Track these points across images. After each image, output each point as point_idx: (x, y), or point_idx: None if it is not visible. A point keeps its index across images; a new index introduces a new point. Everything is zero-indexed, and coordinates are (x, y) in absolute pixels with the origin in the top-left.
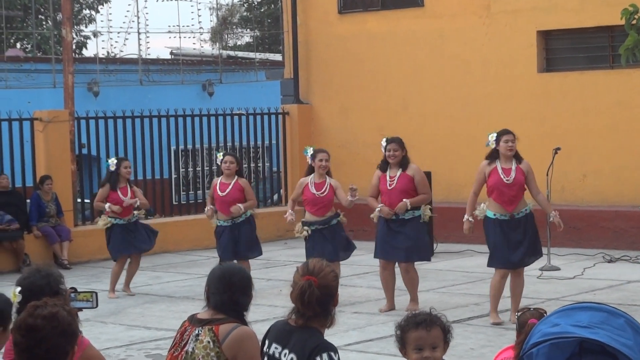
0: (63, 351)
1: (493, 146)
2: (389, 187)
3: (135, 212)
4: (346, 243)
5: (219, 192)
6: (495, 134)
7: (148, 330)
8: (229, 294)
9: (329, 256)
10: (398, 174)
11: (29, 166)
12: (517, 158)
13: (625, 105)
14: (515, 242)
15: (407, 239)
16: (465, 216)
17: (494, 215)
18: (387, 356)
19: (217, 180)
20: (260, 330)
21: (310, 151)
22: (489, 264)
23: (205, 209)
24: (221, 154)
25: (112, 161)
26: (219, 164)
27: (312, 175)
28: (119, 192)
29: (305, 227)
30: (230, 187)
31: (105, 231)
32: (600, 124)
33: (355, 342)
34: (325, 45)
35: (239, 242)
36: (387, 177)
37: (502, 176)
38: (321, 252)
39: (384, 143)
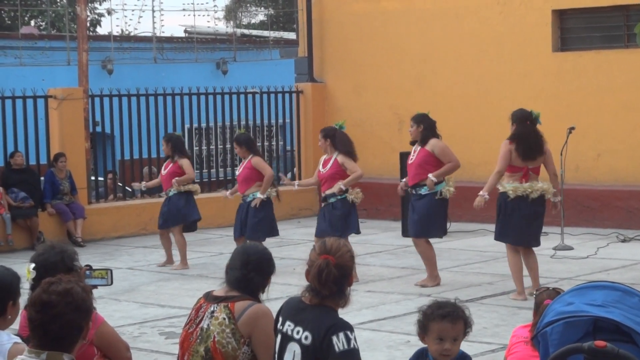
0: (77, 327)
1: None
2: (409, 162)
3: (173, 188)
4: (339, 222)
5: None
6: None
7: (162, 308)
8: (244, 272)
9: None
10: (418, 149)
11: (43, 144)
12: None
13: None
14: None
15: (416, 215)
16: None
17: None
18: (401, 335)
19: None
20: (274, 308)
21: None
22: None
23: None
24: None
25: None
26: None
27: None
28: (163, 167)
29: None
30: (242, 166)
31: None
32: (615, 103)
33: (369, 320)
34: (340, 24)
35: (245, 222)
36: (412, 153)
37: None
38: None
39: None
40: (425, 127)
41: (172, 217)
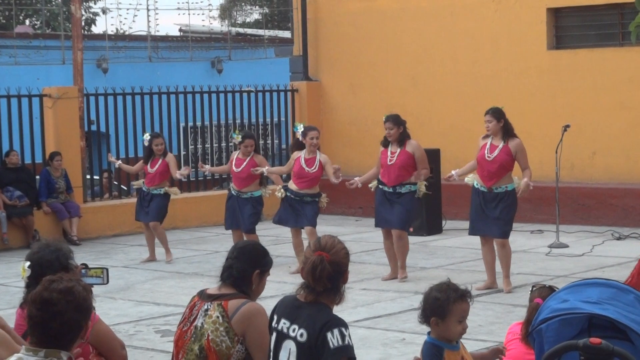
0: (77, 326)
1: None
2: (389, 163)
3: (162, 188)
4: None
5: (235, 168)
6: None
7: (157, 306)
8: (233, 261)
9: (291, 224)
10: (398, 150)
11: (38, 143)
12: (506, 136)
13: (635, 83)
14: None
15: (401, 208)
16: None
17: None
18: (396, 332)
19: (234, 155)
20: (269, 306)
21: (300, 128)
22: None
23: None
24: (240, 135)
25: (146, 137)
26: (237, 143)
27: (304, 150)
28: (148, 164)
29: (282, 190)
30: (245, 163)
31: None
32: (610, 101)
33: (364, 318)
34: (335, 22)
35: (241, 214)
36: (388, 153)
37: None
38: (285, 220)
39: (384, 119)
40: (404, 128)
41: (157, 213)
